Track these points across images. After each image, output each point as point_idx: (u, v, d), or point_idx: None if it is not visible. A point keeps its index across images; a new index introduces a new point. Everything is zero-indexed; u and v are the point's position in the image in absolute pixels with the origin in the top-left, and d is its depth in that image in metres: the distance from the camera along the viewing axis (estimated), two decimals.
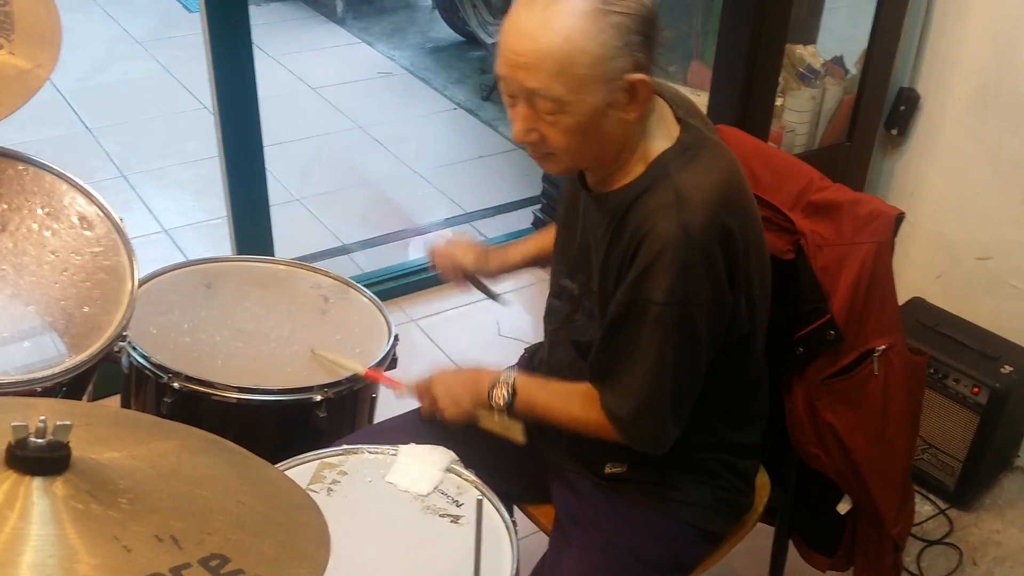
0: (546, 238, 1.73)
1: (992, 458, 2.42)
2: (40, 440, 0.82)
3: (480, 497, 1.24)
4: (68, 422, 0.83)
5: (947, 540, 2.34)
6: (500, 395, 1.49)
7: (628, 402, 1.41)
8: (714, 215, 1.32)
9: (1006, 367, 2.31)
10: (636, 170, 1.38)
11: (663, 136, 1.39)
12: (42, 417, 0.83)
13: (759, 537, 1.73)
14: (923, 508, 2.41)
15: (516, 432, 1.51)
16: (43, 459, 0.82)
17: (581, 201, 1.49)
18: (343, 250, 3.33)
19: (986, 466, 2.41)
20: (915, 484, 2.41)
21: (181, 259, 1.95)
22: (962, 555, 2.30)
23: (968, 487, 2.40)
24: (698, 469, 1.55)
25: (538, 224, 3.36)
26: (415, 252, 3.41)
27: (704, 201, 1.32)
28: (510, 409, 1.50)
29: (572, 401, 1.48)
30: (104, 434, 0.94)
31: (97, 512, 0.81)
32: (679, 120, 1.41)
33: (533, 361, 1.72)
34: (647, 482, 1.54)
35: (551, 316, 1.60)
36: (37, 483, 0.81)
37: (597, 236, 1.44)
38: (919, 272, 2.62)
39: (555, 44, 1.24)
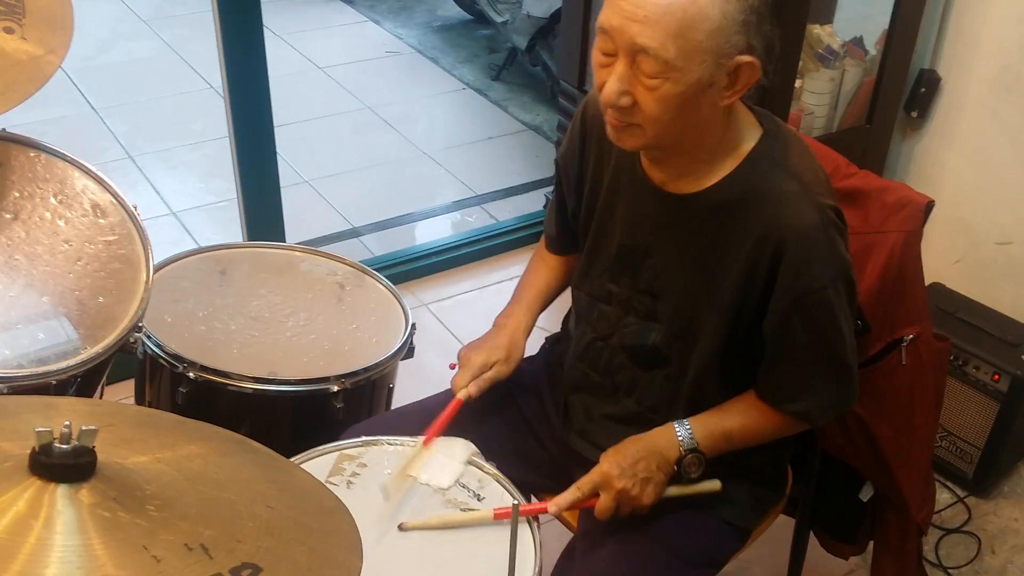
0: (538, 288, 1.66)
1: (1011, 446, 2.39)
2: (65, 446, 0.80)
3: (515, 502, 1.23)
4: (93, 426, 0.81)
5: (965, 528, 2.32)
6: (694, 463, 1.41)
7: (823, 397, 1.41)
8: (831, 191, 1.37)
9: None
10: (727, 164, 1.35)
11: (749, 127, 1.36)
12: (67, 422, 0.80)
13: (776, 528, 1.71)
14: (941, 496, 2.38)
15: (711, 485, 1.45)
16: (68, 466, 0.80)
17: (624, 198, 1.44)
18: (353, 233, 3.30)
19: (1005, 454, 2.38)
20: (934, 472, 2.40)
21: (189, 242, 1.93)
22: (980, 543, 2.28)
23: (987, 475, 2.38)
24: (740, 464, 1.52)
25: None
26: (424, 235, 3.38)
27: (822, 180, 1.36)
28: (701, 467, 1.42)
29: (750, 416, 1.45)
30: (128, 436, 0.92)
31: (124, 520, 0.78)
32: (751, 109, 1.37)
33: (553, 355, 1.67)
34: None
35: (597, 322, 1.53)
36: (62, 491, 0.79)
37: (663, 237, 1.40)
38: (938, 257, 2.59)
39: (679, 2, 1.18)
